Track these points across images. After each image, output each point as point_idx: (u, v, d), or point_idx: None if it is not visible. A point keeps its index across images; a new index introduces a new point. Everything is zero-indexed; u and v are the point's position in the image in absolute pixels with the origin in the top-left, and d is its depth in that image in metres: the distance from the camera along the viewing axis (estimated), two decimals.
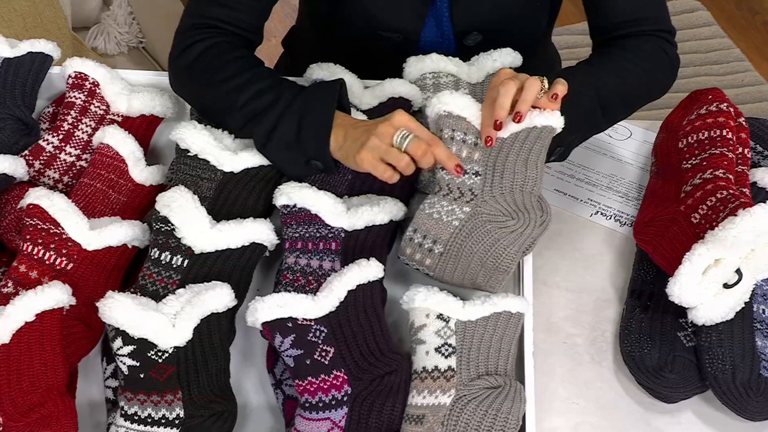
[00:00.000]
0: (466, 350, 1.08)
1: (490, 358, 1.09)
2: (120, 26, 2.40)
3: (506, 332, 1.10)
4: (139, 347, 1.00)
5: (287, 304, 1.03)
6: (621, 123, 1.46)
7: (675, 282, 1.10)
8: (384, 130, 1.08)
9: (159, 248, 1.08)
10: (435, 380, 1.06)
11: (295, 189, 1.12)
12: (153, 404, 1.01)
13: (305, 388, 1.02)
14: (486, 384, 1.07)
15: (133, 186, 1.21)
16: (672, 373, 1.12)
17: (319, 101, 1.15)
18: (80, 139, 1.24)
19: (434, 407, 1.05)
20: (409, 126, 1.09)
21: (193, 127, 1.18)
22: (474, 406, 1.05)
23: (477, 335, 1.09)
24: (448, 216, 1.11)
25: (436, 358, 1.07)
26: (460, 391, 1.06)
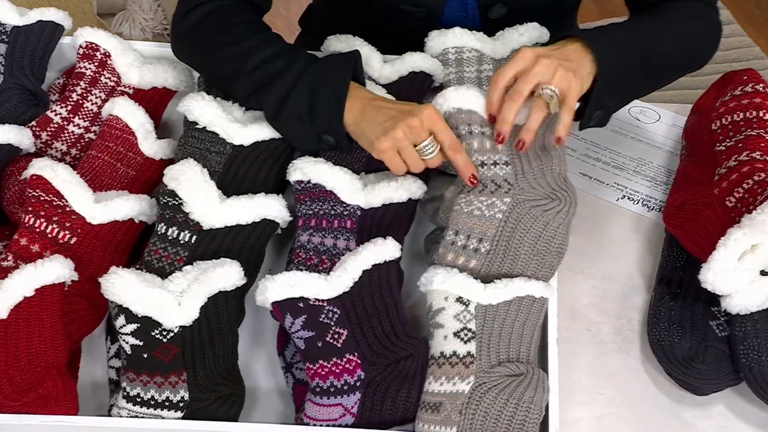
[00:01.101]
0: (487, 336, 1.00)
1: (512, 345, 1.00)
2: (145, 13, 2.42)
3: (529, 317, 1.02)
4: (143, 326, 0.93)
5: (299, 283, 0.95)
6: (649, 106, 1.38)
7: (708, 268, 1.02)
8: (415, 124, 1.00)
9: (166, 223, 1.01)
10: (453, 366, 0.98)
11: (310, 164, 1.04)
12: (156, 386, 0.93)
13: (316, 372, 0.95)
14: (507, 371, 0.98)
15: (142, 159, 1.14)
16: (704, 364, 1.04)
17: (333, 72, 1.06)
18: (89, 110, 1.17)
19: (452, 395, 0.97)
20: (436, 126, 1.02)
21: (201, 98, 1.10)
22: (494, 394, 0.97)
23: (498, 320, 1.00)
24: (489, 210, 1.03)
25: (455, 343, 0.99)
26: (480, 378, 0.98)
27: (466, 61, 1.21)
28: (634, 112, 1.39)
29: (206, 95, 1.11)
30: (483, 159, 1.05)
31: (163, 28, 2.46)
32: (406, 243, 1.11)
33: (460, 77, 1.20)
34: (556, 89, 1.03)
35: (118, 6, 2.51)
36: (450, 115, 1.07)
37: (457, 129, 1.06)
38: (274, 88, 1.06)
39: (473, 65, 1.21)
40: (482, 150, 1.06)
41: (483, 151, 1.06)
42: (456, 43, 1.21)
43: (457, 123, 1.06)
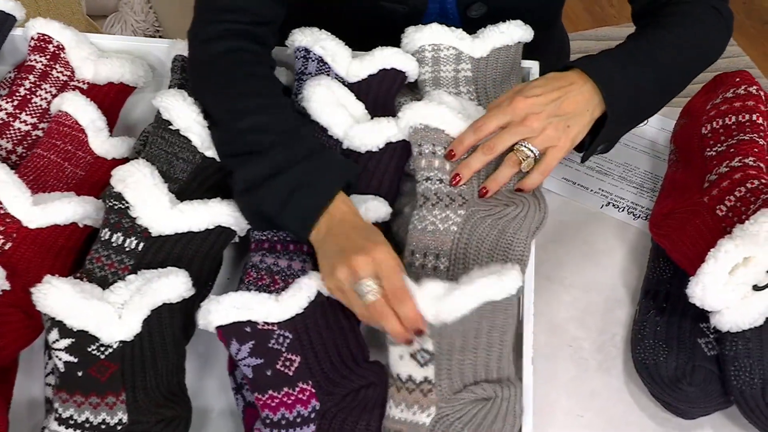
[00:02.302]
0: (446, 356, 0.86)
1: (478, 362, 0.87)
2: (137, 15, 2.40)
3: (495, 323, 0.86)
4: (78, 341, 0.82)
5: (246, 305, 0.84)
6: None
7: (697, 282, 0.91)
8: (355, 265, 0.84)
9: (110, 228, 0.90)
10: (411, 392, 0.86)
11: None
12: (92, 407, 0.82)
13: (265, 403, 0.83)
14: (472, 396, 0.86)
15: (92, 159, 1.03)
16: (691, 386, 0.94)
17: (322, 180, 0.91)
18: (38, 106, 1.06)
19: (412, 425, 0.85)
20: (381, 270, 0.84)
21: (183, 98, 0.98)
22: (459, 427, 0.85)
23: (458, 335, 0.86)
24: (443, 223, 0.94)
25: (411, 366, 0.86)
26: (442, 409, 0.85)
27: (443, 60, 1.11)
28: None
29: (188, 96, 0.99)
30: (442, 177, 0.97)
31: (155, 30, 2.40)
32: None
33: (436, 77, 1.10)
34: (535, 150, 0.96)
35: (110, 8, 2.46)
36: (416, 130, 0.98)
37: (421, 146, 0.98)
38: (252, 167, 0.92)
39: (450, 64, 1.11)
40: (442, 169, 0.98)
41: (443, 170, 0.97)
42: (433, 40, 1.11)
43: (420, 141, 0.98)
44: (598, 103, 0.98)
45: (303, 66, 1.07)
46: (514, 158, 0.95)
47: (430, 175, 0.97)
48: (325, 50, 1.07)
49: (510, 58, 1.13)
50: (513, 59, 1.13)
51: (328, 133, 1.01)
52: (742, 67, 2.11)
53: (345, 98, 1.02)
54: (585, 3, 2.61)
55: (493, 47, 1.13)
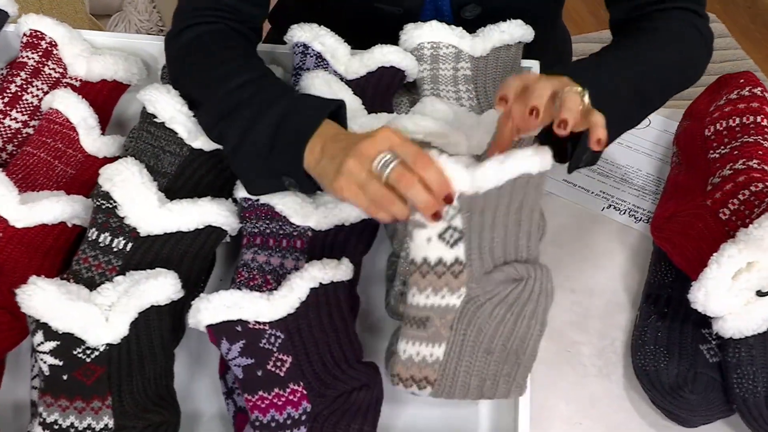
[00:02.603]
0: (477, 233, 0.81)
1: (508, 240, 0.83)
2: (140, 14, 2.40)
3: (526, 200, 0.82)
4: (64, 343, 0.80)
5: (237, 303, 0.81)
6: None
7: (699, 287, 0.88)
8: (364, 149, 0.78)
9: (98, 228, 0.87)
10: (440, 277, 0.82)
11: None
12: (77, 411, 0.80)
13: (255, 404, 0.81)
14: (504, 277, 0.82)
15: (83, 157, 1.00)
16: (692, 393, 0.91)
17: (307, 107, 0.87)
18: (29, 103, 1.04)
19: (441, 309, 0.82)
20: (392, 143, 0.79)
21: (167, 90, 0.96)
22: (489, 308, 0.82)
23: (489, 210, 0.81)
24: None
25: (440, 248, 0.81)
26: (472, 290, 0.82)
27: (443, 58, 1.08)
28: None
29: (172, 89, 0.98)
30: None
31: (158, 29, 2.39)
32: (367, 264, 0.97)
33: (434, 75, 1.07)
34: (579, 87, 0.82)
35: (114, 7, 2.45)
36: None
37: None
38: (239, 118, 0.89)
39: (450, 62, 1.08)
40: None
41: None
42: (432, 37, 1.08)
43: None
44: None
45: (301, 62, 1.04)
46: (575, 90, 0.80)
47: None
48: (324, 46, 1.04)
49: (510, 57, 1.10)
50: (513, 59, 1.10)
51: None
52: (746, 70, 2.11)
53: (342, 93, 1.00)
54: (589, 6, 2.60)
55: (493, 46, 1.10)
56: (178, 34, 1.00)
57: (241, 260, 0.89)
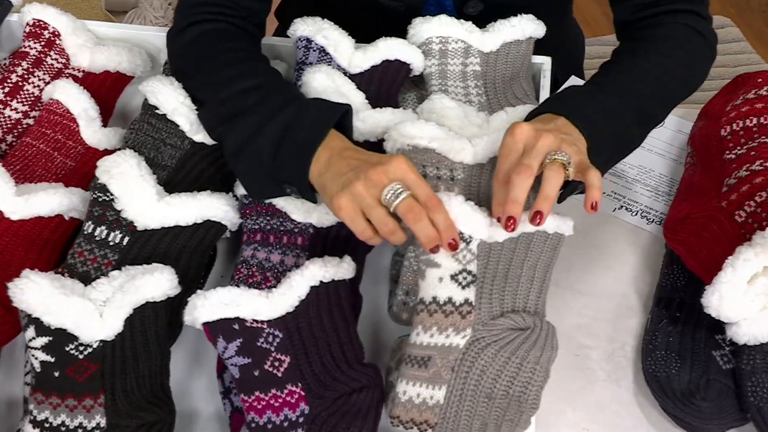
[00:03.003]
0: (489, 280, 0.82)
1: (519, 291, 0.82)
2: (156, 11, 2.40)
3: (541, 258, 0.83)
4: (56, 339, 0.77)
5: (234, 301, 0.78)
6: None
7: (713, 291, 0.84)
8: (375, 176, 0.78)
9: (94, 222, 0.84)
10: (447, 316, 0.80)
11: None
12: (68, 409, 0.77)
13: (251, 405, 0.77)
14: (511, 324, 0.81)
15: (83, 149, 0.97)
16: (704, 401, 0.87)
17: (314, 116, 0.85)
18: (30, 93, 1.01)
19: (444, 348, 0.79)
20: (406, 178, 0.79)
21: (170, 82, 0.94)
22: (493, 351, 0.80)
23: (504, 261, 0.82)
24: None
25: (451, 288, 0.81)
26: (478, 331, 0.80)
27: (451, 53, 1.04)
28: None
29: (175, 81, 0.95)
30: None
31: None
32: (370, 262, 0.94)
33: (443, 70, 1.04)
34: (567, 156, 0.82)
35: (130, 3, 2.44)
36: (403, 153, 0.89)
37: None
38: (242, 123, 0.86)
39: (458, 57, 1.04)
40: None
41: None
42: (441, 32, 1.05)
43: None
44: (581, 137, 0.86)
45: (304, 56, 1.01)
46: (557, 165, 0.80)
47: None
48: (328, 40, 1.01)
49: (521, 53, 1.06)
50: (524, 55, 1.07)
51: None
52: None
53: (345, 87, 0.96)
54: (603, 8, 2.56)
55: (503, 42, 1.06)
56: (181, 31, 0.97)
57: (241, 257, 0.86)
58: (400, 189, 0.78)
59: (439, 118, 0.93)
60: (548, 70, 1.08)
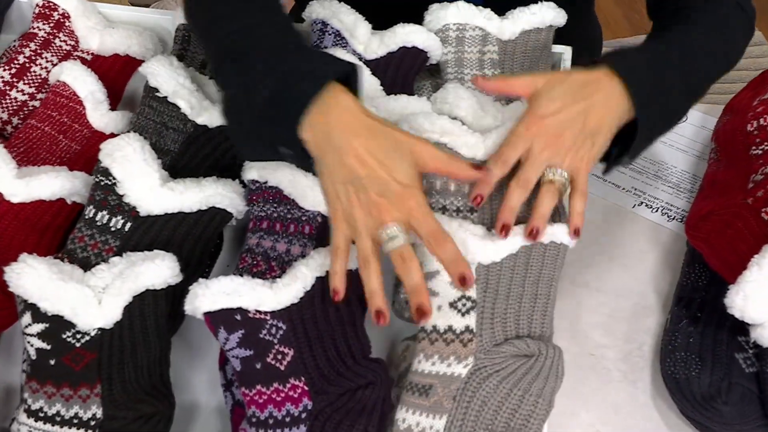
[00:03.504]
0: (490, 304, 0.78)
1: (522, 312, 0.78)
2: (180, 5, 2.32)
3: (542, 272, 0.79)
4: (53, 326, 0.74)
5: (237, 291, 0.74)
6: None
7: (737, 291, 0.80)
8: (378, 212, 0.71)
9: (95, 206, 0.81)
10: (449, 344, 0.77)
11: (271, 165, 0.84)
12: (63, 399, 0.73)
13: (252, 399, 0.74)
14: (514, 351, 0.77)
15: (89, 133, 0.94)
16: (726, 405, 0.82)
17: (316, 65, 0.75)
18: (37, 75, 0.98)
19: (446, 378, 0.76)
20: (411, 217, 0.71)
21: (170, 63, 0.90)
22: (496, 382, 0.76)
23: (504, 281, 0.78)
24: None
25: (451, 316, 0.77)
26: (480, 360, 0.77)
27: (468, 41, 1.00)
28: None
29: (176, 61, 0.91)
30: (445, 203, 0.83)
31: None
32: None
33: (459, 58, 0.99)
34: (566, 174, 0.79)
35: None
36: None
37: None
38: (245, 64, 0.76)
39: (476, 45, 1.00)
40: (445, 192, 0.83)
41: (446, 193, 0.83)
42: (458, 19, 1.00)
43: None
44: (627, 110, 0.81)
45: (319, 40, 0.97)
46: (552, 188, 0.79)
47: (432, 201, 0.83)
48: (344, 24, 0.97)
49: (540, 42, 1.02)
50: (543, 44, 1.02)
51: None
52: None
53: None
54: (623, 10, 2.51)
55: (522, 29, 1.02)
56: None
57: (246, 245, 0.82)
58: (396, 233, 0.71)
59: (452, 108, 0.89)
60: (568, 60, 1.03)
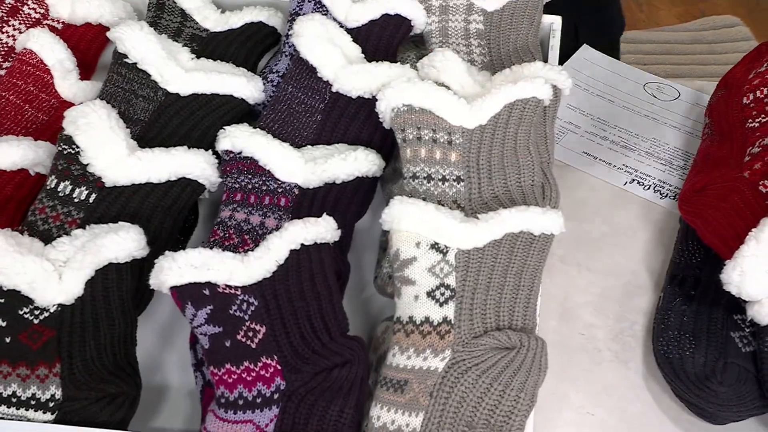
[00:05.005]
0: (469, 294, 0.72)
1: (503, 303, 0.72)
2: None
3: (527, 263, 0.73)
4: (8, 302, 0.67)
5: (205, 264, 0.68)
6: (667, 81, 1.11)
7: (734, 266, 0.74)
8: None
9: (58, 176, 0.74)
10: (425, 336, 0.71)
11: (245, 134, 0.78)
12: (20, 379, 0.67)
13: (222, 379, 0.68)
14: (494, 344, 0.71)
15: (57, 103, 0.88)
16: (722, 385, 0.76)
17: None
18: (3, 43, 0.91)
19: (421, 372, 0.70)
20: None
21: (140, 28, 0.84)
22: (474, 376, 0.70)
23: (485, 269, 0.72)
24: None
25: (428, 307, 0.72)
26: (458, 353, 0.70)
27: (452, 9, 0.94)
28: (650, 88, 1.11)
29: (147, 27, 0.85)
30: (430, 172, 0.78)
31: None
32: (363, 229, 0.84)
33: (443, 27, 0.93)
34: None
35: None
36: (398, 113, 0.79)
37: (404, 132, 0.78)
38: None
39: (460, 14, 0.94)
40: (431, 161, 0.78)
41: (431, 162, 0.78)
42: None
43: (404, 125, 0.79)
44: None
45: (298, 7, 0.91)
46: None
47: (416, 170, 0.78)
48: None
49: (527, 12, 0.96)
50: (531, 14, 0.96)
51: (317, 74, 0.85)
52: None
53: (340, 38, 0.86)
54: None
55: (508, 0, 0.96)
56: None
57: (218, 218, 0.76)
58: None
59: (440, 73, 0.83)
60: (558, 30, 0.97)
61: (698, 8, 2.43)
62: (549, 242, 0.75)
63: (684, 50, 1.39)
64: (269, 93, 0.89)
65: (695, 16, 2.16)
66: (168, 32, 0.91)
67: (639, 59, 1.33)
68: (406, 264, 0.73)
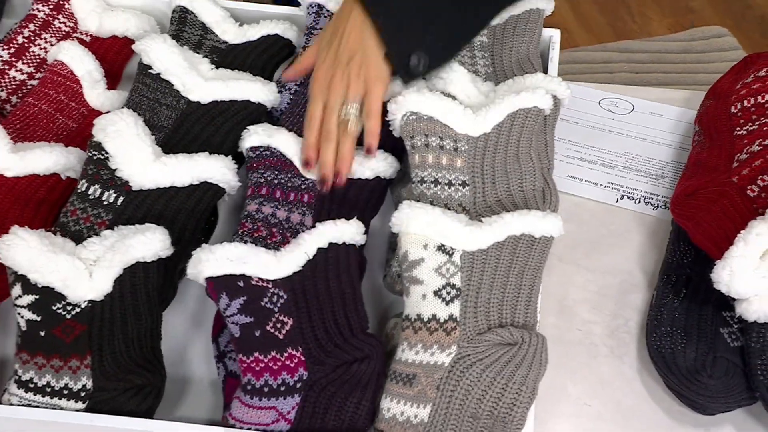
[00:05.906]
0: (474, 292, 0.73)
1: (506, 302, 0.74)
2: None
3: (528, 264, 0.75)
4: (43, 298, 0.69)
5: (241, 257, 0.70)
6: (620, 96, 1.08)
7: (724, 266, 0.75)
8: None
9: (88, 180, 0.76)
10: (432, 333, 0.72)
11: (270, 130, 0.80)
12: (54, 370, 0.68)
13: (249, 366, 0.69)
14: (497, 339, 0.72)
15: (86, 111, 0.89)
16: (711, 378, 0.77)
17: None
18: (35, 55, 0.92)
19: (429, 367, 0.71)
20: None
21: (163, 40, 0.85)
22: (479, 370, 0.71)
23: (489, 270, 0.74)
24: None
25: (435, 305, 0.73)
26: (463, 348, 0.72)
27: None
28: (605, 104, 1.09)
29: (170, 39, 0.86)
30: (437, 177, 0.79)
31: None
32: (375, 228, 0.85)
33: None
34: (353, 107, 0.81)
35: None
36: (407, 122, 0.80)
37: (413, 139, 0.80)
38: None
39: None
40: (438, 166, 0.79)
41: (438, 167, 0.79)
42: None
43: (412, 132, 0.80)
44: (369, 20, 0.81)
45: (315, 22, 0.92)
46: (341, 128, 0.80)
47: (424, 175, 0.79)
48: None
49: (529, 26, 0.97)
50: (532, 28, 0.97)
51: None
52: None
53: None
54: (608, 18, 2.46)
55: (510, 14, 0.97)
56: None
57: (245, 211, 0.77)
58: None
59: (446, 84, 0.84)
60: (557, 42, 0.98)
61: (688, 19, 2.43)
62: (549, 244, 0.77)
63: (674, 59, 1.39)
64: (286, 101, 0.90)
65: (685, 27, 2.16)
66: (189, 44, 0.92)
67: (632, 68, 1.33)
68: (414, 265, 0.74)
